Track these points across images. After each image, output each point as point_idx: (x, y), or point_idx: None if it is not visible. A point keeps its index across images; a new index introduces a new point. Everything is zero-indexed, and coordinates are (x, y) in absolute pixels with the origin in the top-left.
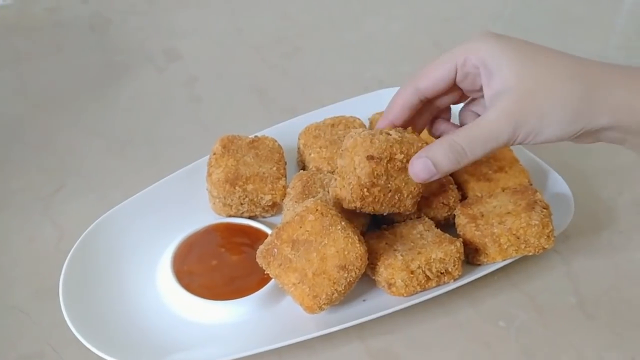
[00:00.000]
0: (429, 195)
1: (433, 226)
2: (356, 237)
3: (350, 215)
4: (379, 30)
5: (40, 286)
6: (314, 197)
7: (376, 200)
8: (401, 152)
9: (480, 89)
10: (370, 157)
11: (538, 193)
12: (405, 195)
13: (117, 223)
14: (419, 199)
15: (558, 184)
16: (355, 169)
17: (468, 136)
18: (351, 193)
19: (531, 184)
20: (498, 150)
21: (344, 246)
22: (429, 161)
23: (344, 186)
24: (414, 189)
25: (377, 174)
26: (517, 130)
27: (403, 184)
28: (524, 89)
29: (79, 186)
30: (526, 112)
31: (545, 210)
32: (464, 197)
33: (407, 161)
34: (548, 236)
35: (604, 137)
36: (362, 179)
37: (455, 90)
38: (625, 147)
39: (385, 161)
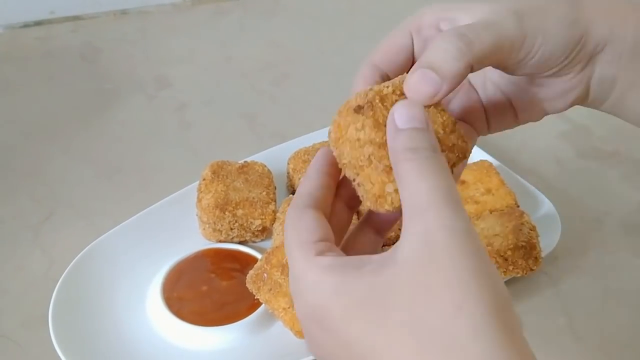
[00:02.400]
0: None
1: None
2: None
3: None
4: (365, 55)
5: (29, 314)
6: None
7: None
8: (387, 86)
9: None
10: (357, 109)
11: (525, 215)
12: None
13: (106, 250)
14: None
15: (545, 205)
16: (358, 139)
17: (463, 25)
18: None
19: (518, 206)
20: (485, 174)
21: None
22: (426, 70)
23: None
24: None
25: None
26: (520, 20)
27: None
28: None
29: (69, 214)
30: (523, 5)
31: (532, 231)
32: None
33: (401, 91)
34: (535, 258)
35: (599, 66)
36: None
37: None
38: (612, 97)
39: (378, 100)
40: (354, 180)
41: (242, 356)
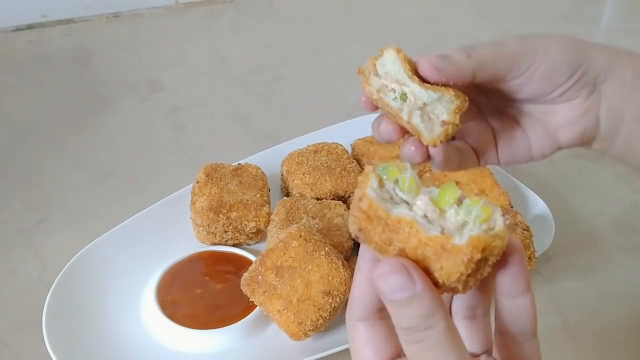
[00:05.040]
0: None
1: None
2: (340, 262)
3: (334, 240)
4: (359, 57)
5: (23, 319)
6: (298, 223)
7: None
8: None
9: None
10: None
11: (519, 215)
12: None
13: (100, 254)
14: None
15: (538, 206)
16: None
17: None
18: None
19: (512, 207)
20: (479, 174)
21: (328, 272)
22: (432, 57)
23: None
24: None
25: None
26: (522, 40)
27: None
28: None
29: (62, 218)
30: (526, 40)
31: (526, 232)
32: None
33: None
34: (530, 258)
35: (605, 97)
36: None
37: None
38: (622, 134)
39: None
40: None
41: (237, 359)
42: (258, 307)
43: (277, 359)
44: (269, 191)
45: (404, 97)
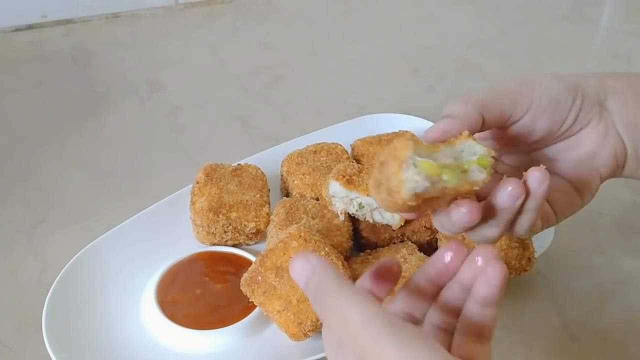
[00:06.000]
0: (412, 219)
1: (416, 250)
2: (340, 262)
3: (333, 240)
4: (359, 57)
5: (23, 320)
6: (297, 223)
7: None
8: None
9: None
10: None
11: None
12: None
13: (100, 254)
14: None
15: None
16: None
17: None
18: None
19: None
20: None
21: None
22: (436, 124)
23: None
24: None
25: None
26: (514, 78)
27: None
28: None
29: (62, 218)
30: (515, 79)
31: None
32: None
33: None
34: (529, 258)
35: (615, 113)
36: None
37: None
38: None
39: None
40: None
41: (237, 359)
42: (257, 307)
43: (277, 359)
44: (269, 191)
45: (361, 205)
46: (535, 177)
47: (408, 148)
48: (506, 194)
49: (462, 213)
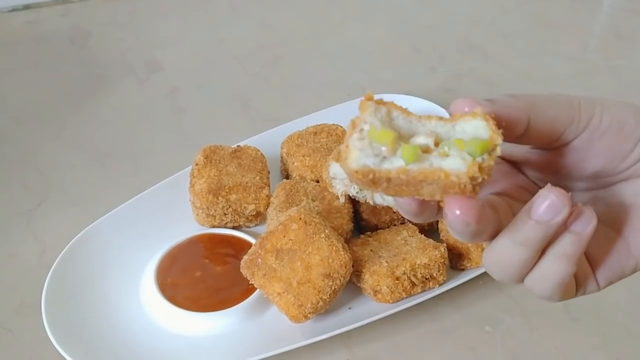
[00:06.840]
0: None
1: (417, 232)
2: (340, 244)
3: (334, 223)
4: (360, 38)
5: (22, 302)
6: (297, 205)
7: None
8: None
9: None
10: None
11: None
12: None
13: (99, 236)
14: None
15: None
16: None
17: None
18: None
19: None
20: None
21: (328, 254)
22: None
23: None
24: None
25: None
26: (577, 97)
27: None
28: None
29: (61, 200)
30: (581, 97)
31: None
32: None
33: None
34: None
35: None
36: None
37: None
38: None
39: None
40: None
41: (237, 341)
42: (258, 290)
43: (277, 341)
44: (268, 173)
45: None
46: (582, 215)
47: (367, 109)
48: (546, 203)
49: (455, 214)
